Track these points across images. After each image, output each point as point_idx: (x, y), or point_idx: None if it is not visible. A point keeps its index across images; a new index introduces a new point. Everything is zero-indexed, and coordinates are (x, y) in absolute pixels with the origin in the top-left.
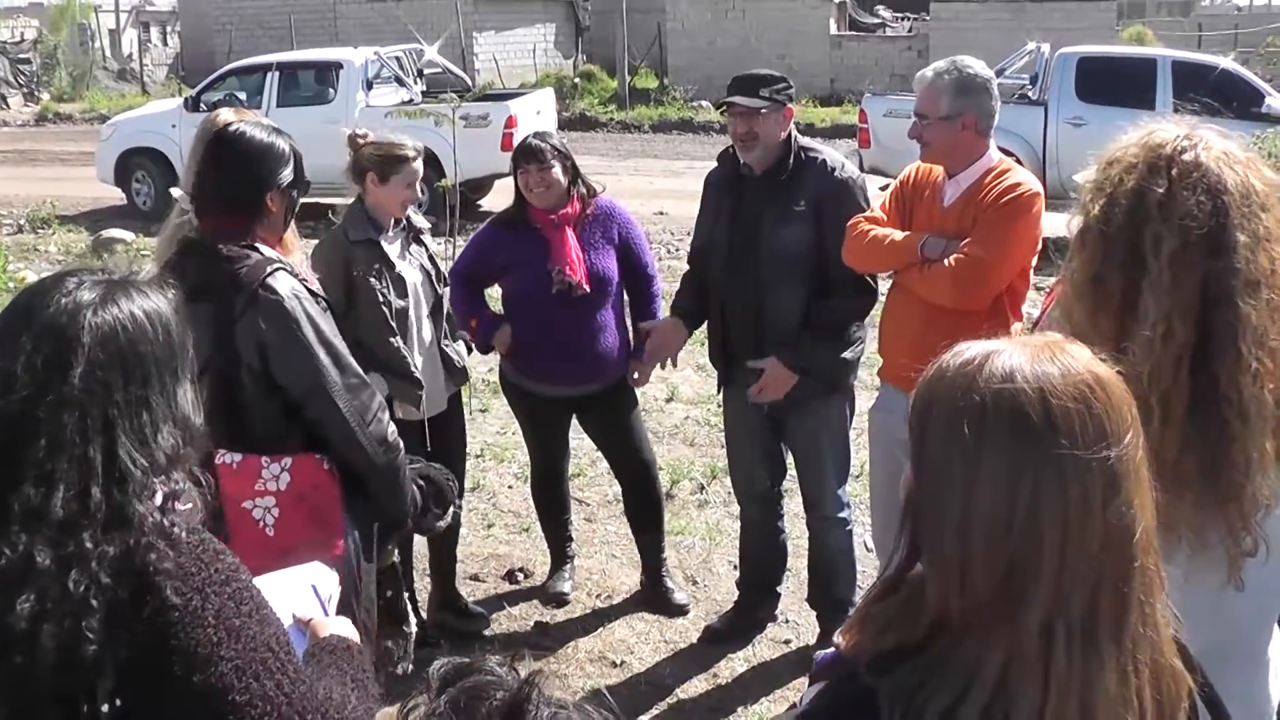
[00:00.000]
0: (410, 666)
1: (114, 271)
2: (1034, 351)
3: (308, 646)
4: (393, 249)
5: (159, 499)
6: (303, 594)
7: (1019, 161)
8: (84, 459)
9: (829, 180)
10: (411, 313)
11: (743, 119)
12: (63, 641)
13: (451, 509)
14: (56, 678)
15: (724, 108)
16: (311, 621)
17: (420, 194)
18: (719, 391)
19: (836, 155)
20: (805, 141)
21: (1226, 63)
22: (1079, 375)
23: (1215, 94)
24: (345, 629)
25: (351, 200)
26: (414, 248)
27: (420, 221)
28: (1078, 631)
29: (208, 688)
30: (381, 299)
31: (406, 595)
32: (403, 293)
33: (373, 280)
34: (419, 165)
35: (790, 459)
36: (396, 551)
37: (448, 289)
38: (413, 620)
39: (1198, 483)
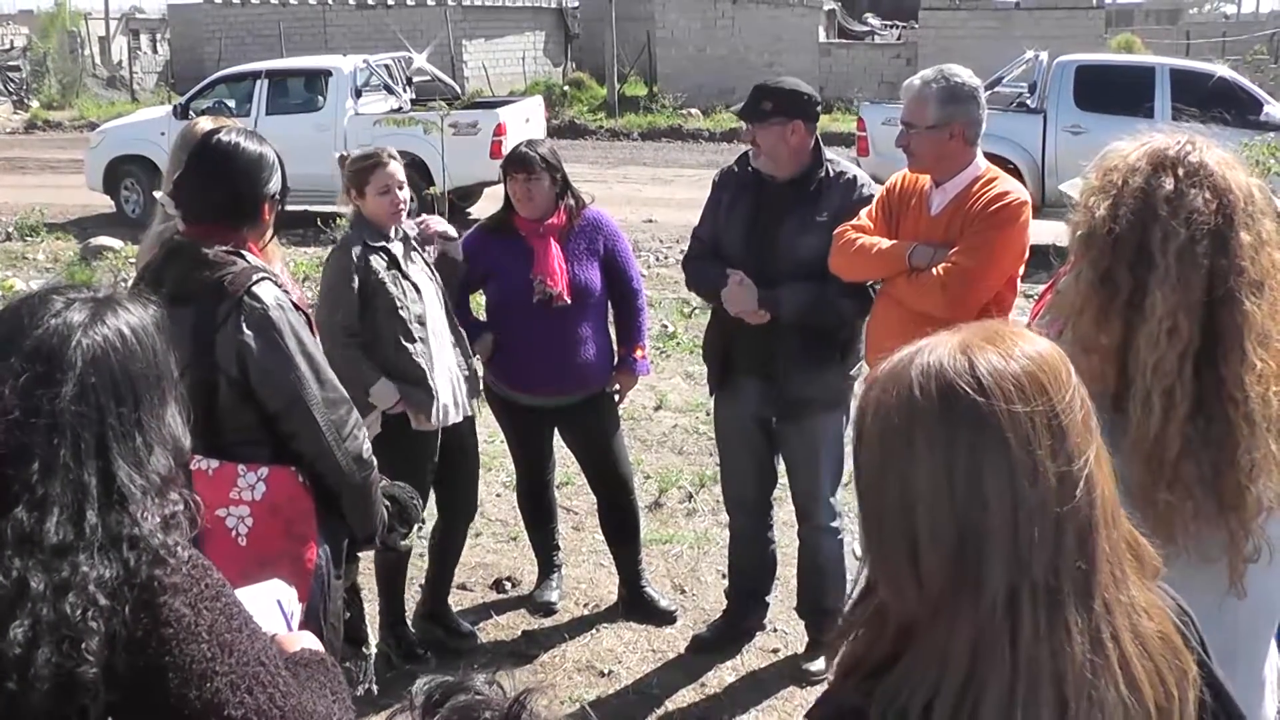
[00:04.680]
0: (374, 688)
1: (97, 288)
2: (965, 336)
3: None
4: (401, 254)
5: (158, 519)
6: (269, 610)
7: (1018, 170)
8: (78, 482)
9: (854, 195)
10: (429, 318)
11: (750, 127)
12: (60, 665)
13: (416, 527)
14: (51, 702)
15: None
16: (277, 637)
17: (407, 200)
18: (711, 394)
19: (864, 174)
20: (832, 156)
21: (1224, 70)
22: (1010, 342)
23: (1213, 102)
24: (311, 643)
25: (341, 207)
26: (417, 258)
27: (408, 227)
28: (1042, 595)
29: (204, 703)
30: (399, 304)
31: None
32: (417, 298)
33: (389, 285)
34: (395, 168)
35: (781, 467)
36: (356, 572)
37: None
38: (373, 642)
39: (1198, 489)
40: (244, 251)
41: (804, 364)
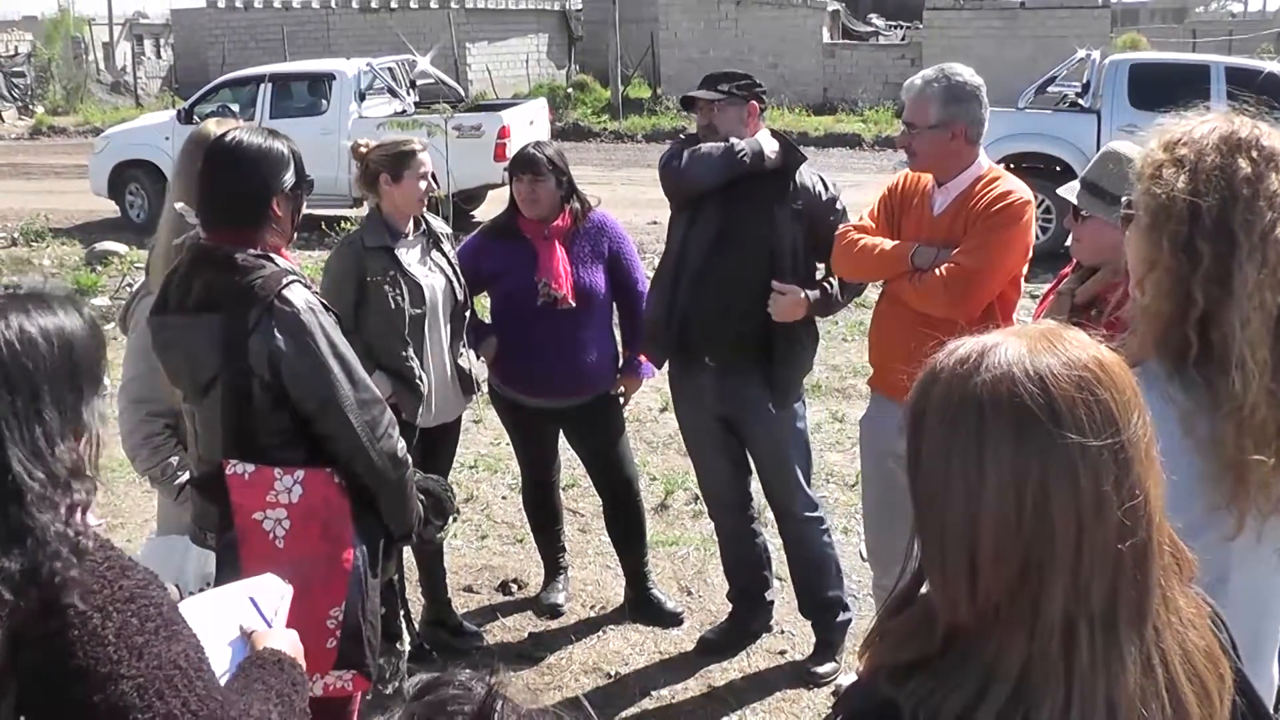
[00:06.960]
0: (406, 686)
1: (19, 286)
2: (1031, 342)
3: (242, 659)
4: (410, 255)
5: (62, 511)
6: (239, 607)
7: (1072, 170)
8: None
9: (816, 193)
10: (428, 320)
11: (702, 112)
12: None
13: (451, 519)
14: None
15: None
16: (252, 634)
17: (434, 187)
18: (664, 368)
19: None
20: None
21: (1273, 66)
22: (1080, 362)
23: (1263, 97)
24: (286, 641)
25: (346, 211)
26: (435, 254)
27: (441, 227)
28: (1099, 625)
29: (109, 707)
30: (394, 305)
31: (401, 613)
32: (419, 300)
33: (386, 287)
34: (427, 156)
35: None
36: (394, 568)
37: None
38: (406, 639)
39: (1276, 441)
40: (272, 254)
41: (788, 351)
